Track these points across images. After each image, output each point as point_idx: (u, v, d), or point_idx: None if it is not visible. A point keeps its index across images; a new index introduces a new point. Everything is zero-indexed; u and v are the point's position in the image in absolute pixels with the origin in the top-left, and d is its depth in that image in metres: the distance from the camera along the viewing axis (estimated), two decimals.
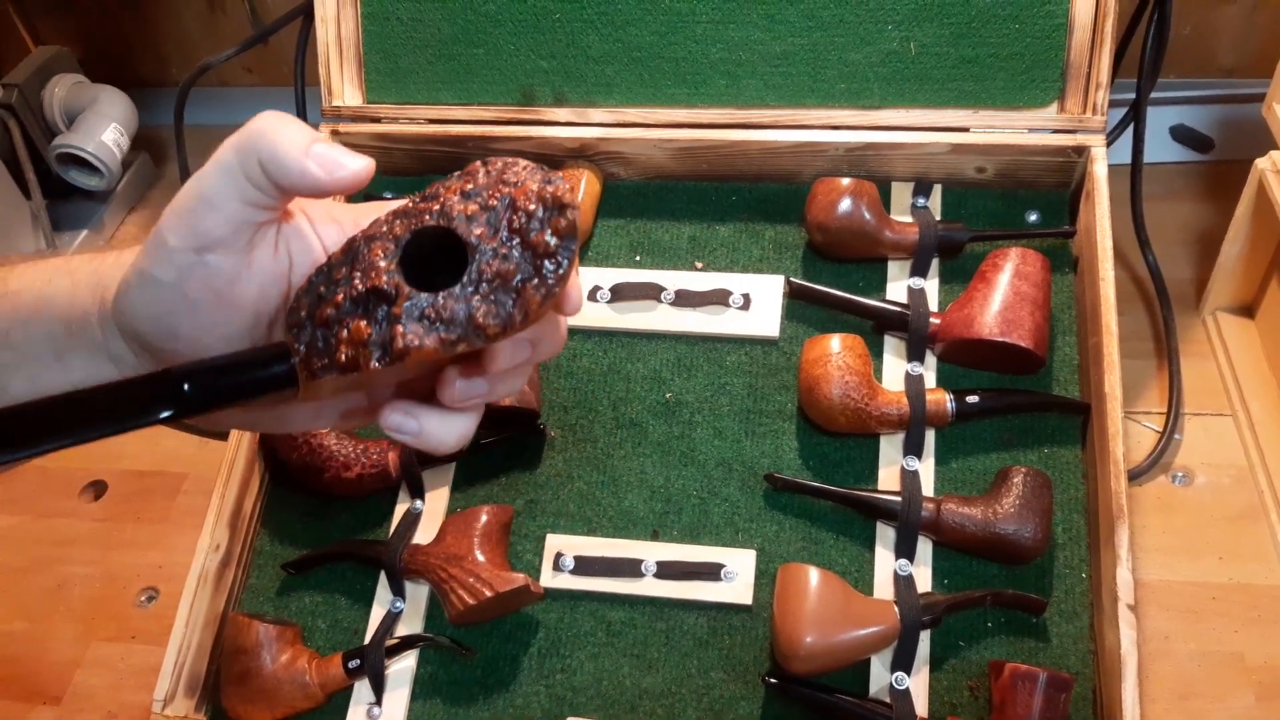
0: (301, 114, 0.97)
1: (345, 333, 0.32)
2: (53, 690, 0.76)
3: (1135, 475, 0.77)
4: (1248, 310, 0.85)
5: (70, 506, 0.86)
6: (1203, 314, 0.86)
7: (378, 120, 0.82)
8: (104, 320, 0.37)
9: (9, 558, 0.84)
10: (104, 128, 1.02)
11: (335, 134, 0.82)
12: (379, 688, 0.66)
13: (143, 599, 0.80)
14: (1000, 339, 0.66)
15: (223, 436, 0.85)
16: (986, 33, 0.73)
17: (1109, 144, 0.77)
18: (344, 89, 0.81)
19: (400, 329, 0.32)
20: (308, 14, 0.92)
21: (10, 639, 0.79)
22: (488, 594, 0.63)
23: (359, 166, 0.35)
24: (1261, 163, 0.76)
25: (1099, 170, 0.71)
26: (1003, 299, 0.67)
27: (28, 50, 1.11)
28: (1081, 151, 0.72)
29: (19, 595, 0.81)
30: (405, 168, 0.84)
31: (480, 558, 0.65)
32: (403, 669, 0.67)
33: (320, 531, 0.73)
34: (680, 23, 0.77)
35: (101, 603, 0.80)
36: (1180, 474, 0.77)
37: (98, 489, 0.87)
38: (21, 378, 0.38)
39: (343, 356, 0.32)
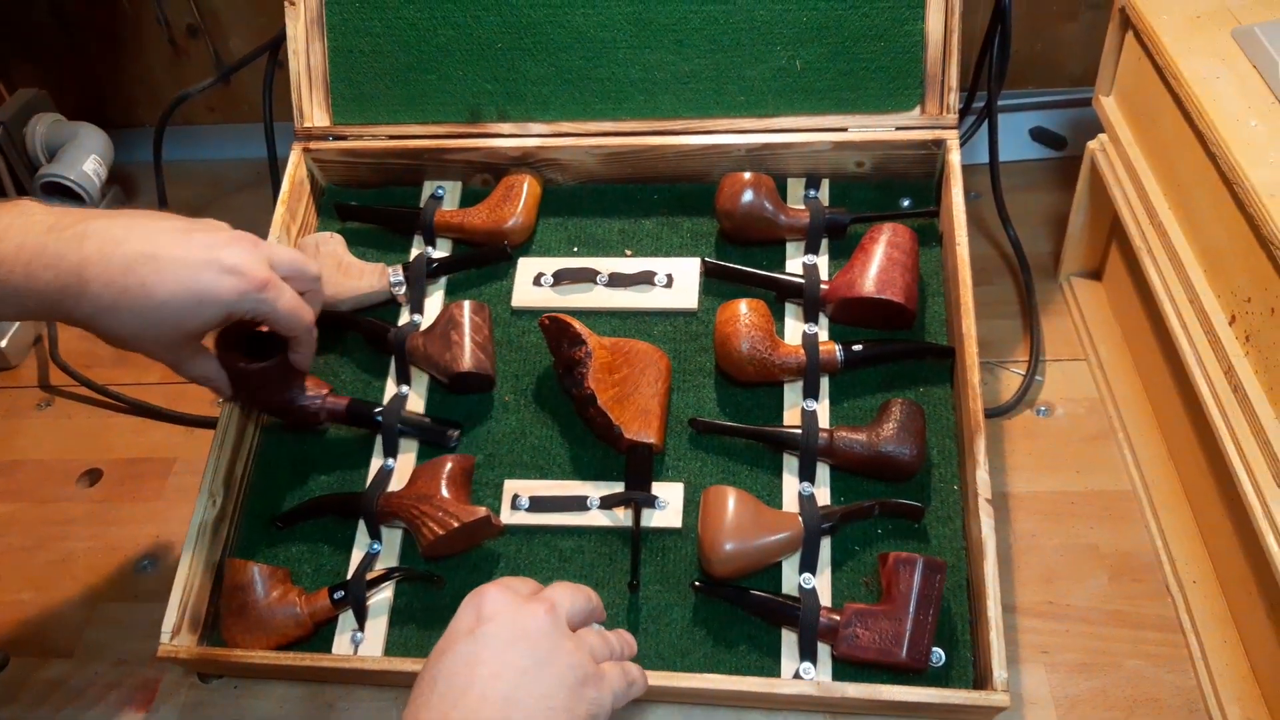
0: (270, 142, 1.07)
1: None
2: (65, 645, 0.83)
3: (1005, 410, 0.91)
4: (1096, 274, 1.00)
5: (69, 492, 0.93)
6: (1060, 279, 1.01)
7: (344, 138, 0.93)
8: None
9: (13, 539, 0.91)
10: (84, 159, 1.12)
11: (307, 151, 0.93)
12: (361, 616, 0.76)
13: (144, 564, 0.88)
14: (876, 295, 0.79)
15: (210, 425, 0.94)
16: (858, 50, 0.87)
17: (965, 142, 0.91)
18: (314, 112, 0.93)
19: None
20: (272, 52, 1.04)
21: (21, 606, 0.86)
22: (455, 524, 0.73)
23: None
24: (1093, 144, 0.90)
25: (954, 159, 0.85)
26: (878, 264, 0.81)
27: (1, 94, 1.21)
28: (940, 144, 0.86)
29: (26, 569, 0.88)
30: (368, 179, 0.96)
31: (446, 494, 0.76)
32: (381, 600, 0.77)
33: (304, 492, 0.82)
34: (604, 49, 0.90)
35: (105, 570, 0.87)
36: (1043, 407, 0.91)
37: (93, 476, 0.95)
38: None
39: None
